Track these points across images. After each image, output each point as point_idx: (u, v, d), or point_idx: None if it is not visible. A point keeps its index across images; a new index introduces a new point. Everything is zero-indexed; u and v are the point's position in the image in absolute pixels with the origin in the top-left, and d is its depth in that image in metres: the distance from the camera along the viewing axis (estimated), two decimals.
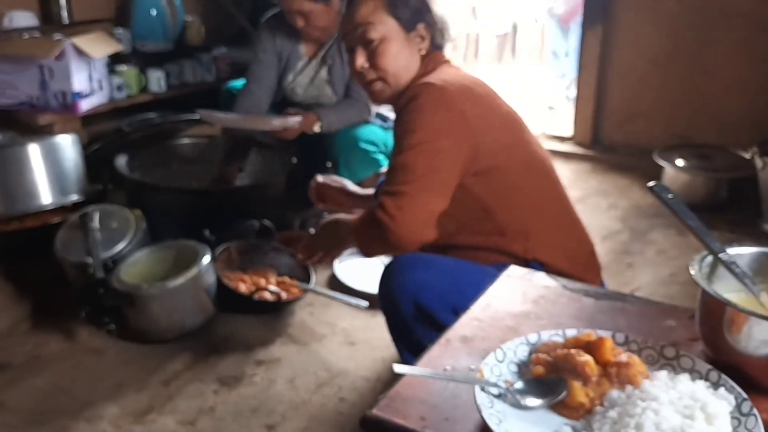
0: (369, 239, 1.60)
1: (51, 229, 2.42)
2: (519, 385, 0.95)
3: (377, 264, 2.57)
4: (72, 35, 2.98)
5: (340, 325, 2.35)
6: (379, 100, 1.77)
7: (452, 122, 1.56)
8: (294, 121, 2.69)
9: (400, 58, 1.69)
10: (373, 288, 2.42)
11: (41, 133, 2.87)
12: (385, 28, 1.67)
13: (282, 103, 2.96)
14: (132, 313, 2.18)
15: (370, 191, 2.09)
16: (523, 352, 1.02)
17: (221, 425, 1.89)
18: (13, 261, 2.58)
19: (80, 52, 2.94)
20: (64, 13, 3.28)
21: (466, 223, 1.67)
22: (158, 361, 2.14)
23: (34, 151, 2.50)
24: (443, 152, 1.55)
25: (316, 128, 2.72)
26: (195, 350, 2.19)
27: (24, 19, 3.10)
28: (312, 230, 2.78)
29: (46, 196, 2.53)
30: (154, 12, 3.46)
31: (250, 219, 2.49)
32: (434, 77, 1.63)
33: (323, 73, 2.88)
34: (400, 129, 1.61)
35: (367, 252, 1.66)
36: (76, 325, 2.27)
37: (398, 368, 0.94)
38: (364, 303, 2.32)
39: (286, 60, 2.88)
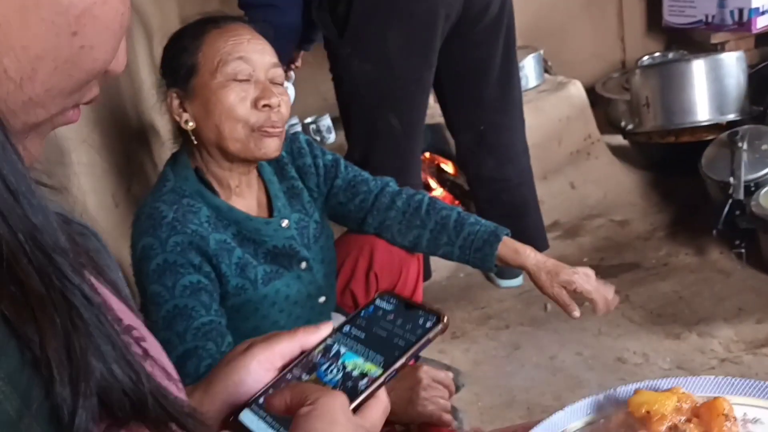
0: None
1: (701, 146, 2.45)
2: None
3: None
4: None
5: None
6: None
7: None
8: None
9: None
10: None
11: (710, 50, 2.87)
12: None
13: None
14: (766, 241, 2.07)
15: None
16: None
17: None
18: (663, 172, 2.73)
19: None
20: None
21: None
22: None
23: (698, 67, 2.53)
24: None
25: None
26: None
27: None
28: None
29: (703, 113, 2.55)
30: None
31: None
32: None
33: None
34: None
35: None
36: (708, 241, 2.28)
37: None
38: None
39: None
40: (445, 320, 0.70)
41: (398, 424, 1.16)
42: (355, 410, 0.65)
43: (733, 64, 2.50)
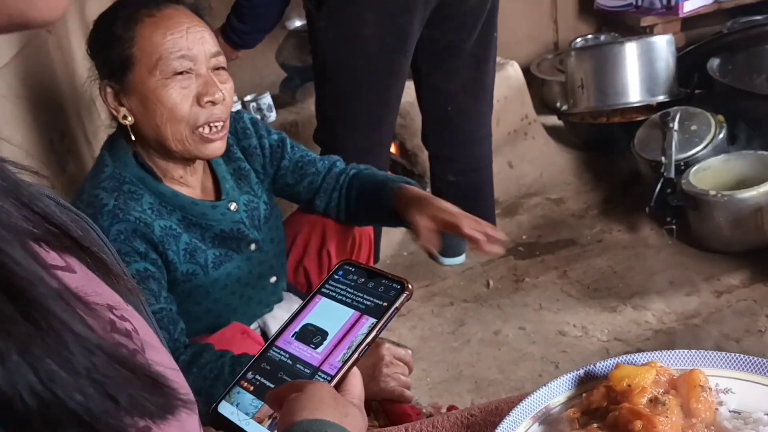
0: None
1: (632, 126, 2.54)
2: None
3: None
4: None
5: None
6: None
7: None
8: None
9: None
10: None
11: (640, 33, 2.96)
12: None
13: None
14: (695, 218, 2.17)
15: None
16: None
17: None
18: (596, 152, 2.81)
19: None
20: None
21: None
22: (713, 271, 2.10)
23: (631, 50, 2.61)
24: None
25: None
26: (756, 269, 2.06)
27: None
28: None
29: (634, 94, 2.64)
30: None
31: None
32: None
33: None
34: None
35: None
36: (640, 218, 2.37)
37: None
38: None
39: None
40: (410, 287, 0.70)
41: None
42: (335, 388, 0.66)
43: (663, 46, 2.59)
